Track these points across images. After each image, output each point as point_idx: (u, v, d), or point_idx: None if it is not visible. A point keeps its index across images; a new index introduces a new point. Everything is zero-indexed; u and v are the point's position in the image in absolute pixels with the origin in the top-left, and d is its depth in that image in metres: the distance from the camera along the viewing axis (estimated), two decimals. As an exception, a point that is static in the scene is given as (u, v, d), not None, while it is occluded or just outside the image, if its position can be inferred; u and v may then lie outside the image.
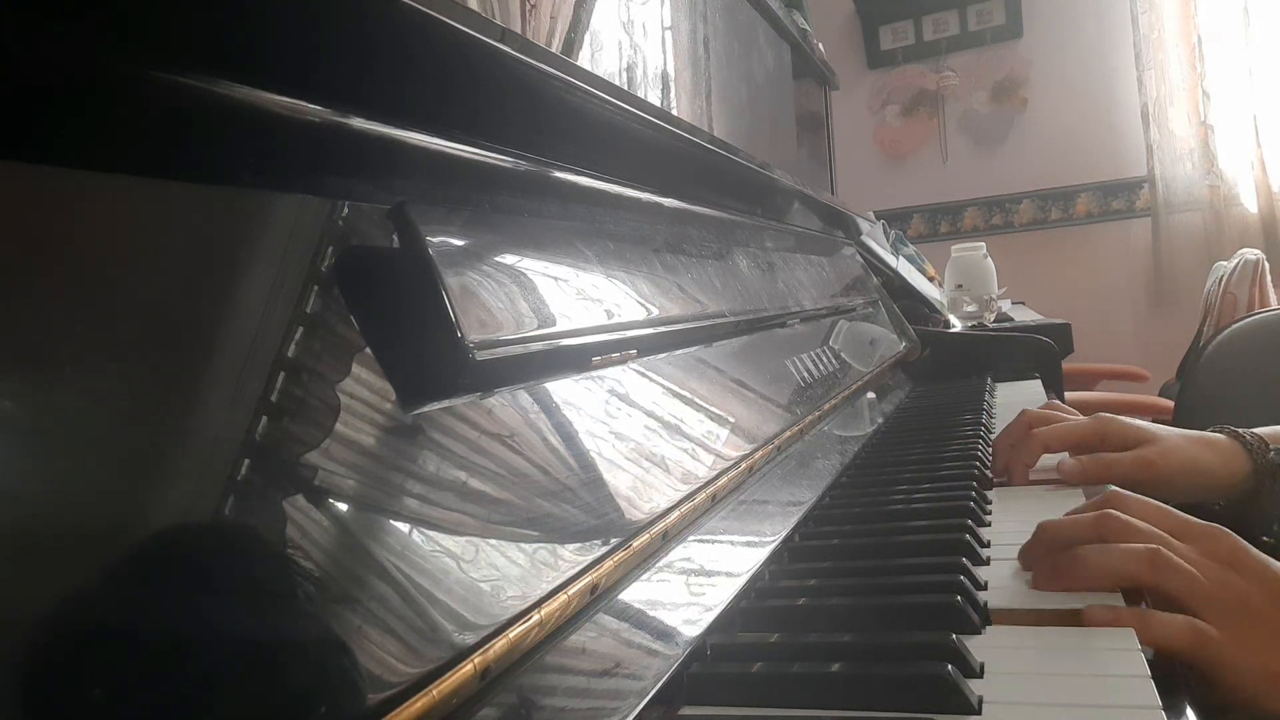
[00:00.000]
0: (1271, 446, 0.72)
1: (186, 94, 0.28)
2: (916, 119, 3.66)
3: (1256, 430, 0.75)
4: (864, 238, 1.67)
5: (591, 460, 0.44)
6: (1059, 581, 0.50)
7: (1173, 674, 0.42)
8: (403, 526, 0.31)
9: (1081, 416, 0.80)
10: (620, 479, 0.45)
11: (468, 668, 0.30)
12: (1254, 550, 0.49)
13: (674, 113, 1.10)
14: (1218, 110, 3.18)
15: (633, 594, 0.42)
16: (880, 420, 1.08)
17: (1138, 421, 0.76)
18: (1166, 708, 0.36)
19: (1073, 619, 0.46)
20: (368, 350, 0.33)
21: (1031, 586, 0.51)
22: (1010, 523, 0.65)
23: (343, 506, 0.30)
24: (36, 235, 0.24)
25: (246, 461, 0.27)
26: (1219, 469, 0.72)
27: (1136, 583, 0.48)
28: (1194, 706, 0.38)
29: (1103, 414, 0.77)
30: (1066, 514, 0.55)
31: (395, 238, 0.36)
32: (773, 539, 0.57)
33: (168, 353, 0.26)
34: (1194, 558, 0.48)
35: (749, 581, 0.50)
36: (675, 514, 0.48)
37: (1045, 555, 0.52)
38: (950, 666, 0.38)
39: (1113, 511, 0.52)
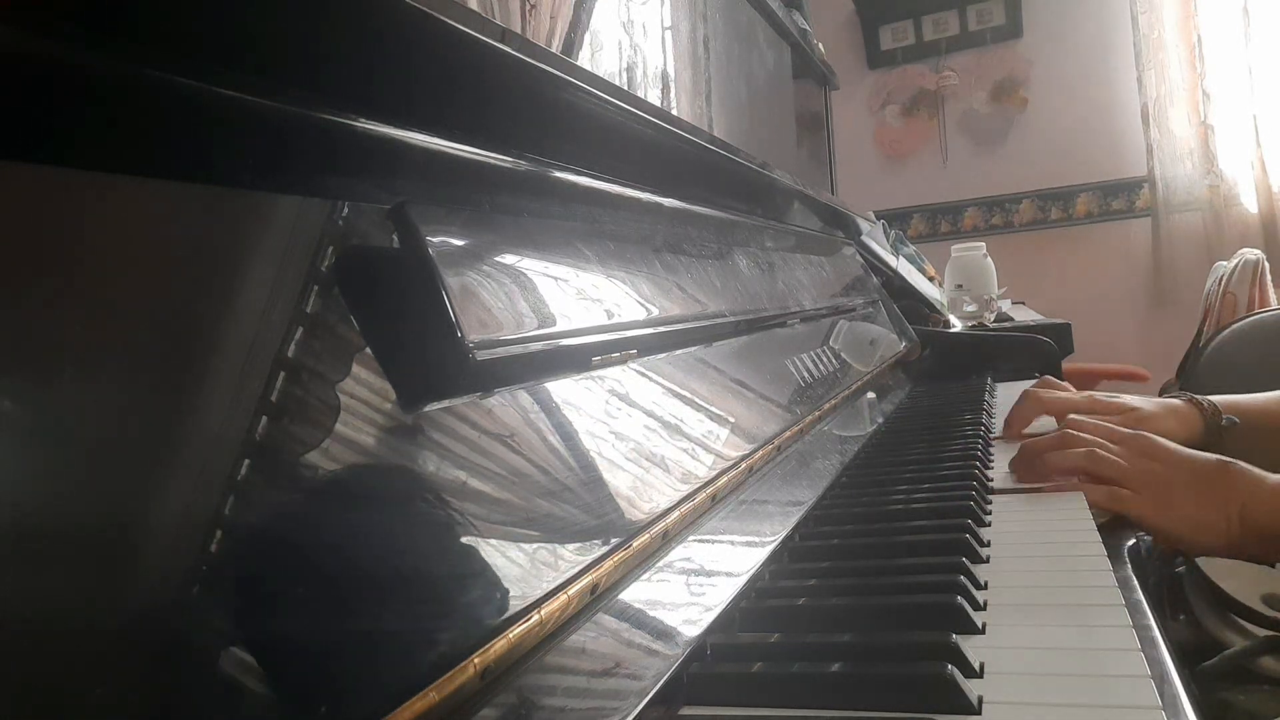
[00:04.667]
0: (1225, 415, 0.87)
1: (187, 94, 0.28)
2: (916, 119, 3.66)
3: (1213, 398, 0.89)
4: (864, 238, 1.67)
5: (591, 460, 0.44)
6: (1031, 476, 0.76)
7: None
8: (402, 526, 0.31)
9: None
10: (620, 479, 0.45)
11: (468, 668, 0.30)
12: (1165, 442, 0.72)
13: (674, 113, 1.10)
14: (1218, 110, 3.18)
15: (633, 594, 0.42)
16: (880, 420, 1.08)
17: (1119, 397, 0.94)
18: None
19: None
20: (368, 350, 0.33)
21: (1014, 480, 0.76)
22: (1010, 525, 0.65)
23: (342, 507, 0.30)
24: (37, 235, 0.24)
25: (246, 461, 0.27)
26: (1178, 430, 0.85)
27: (1081, 472, 0.72)
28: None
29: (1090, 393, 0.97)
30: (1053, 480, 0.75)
31: (395, 238, 0.36)
32: (773, 539, 0.57)
33: (168, 353, 0.26)
34: (1123, 453, 0.71)
35: (749, 581, 0.50)
36: (675, 514, 0.48)
37: (1024, 463, 0.77)
38: (950, 666, 0.38)
39: (1069, 430, 0.76)
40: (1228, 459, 0.70)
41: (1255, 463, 0.70)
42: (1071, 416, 0.80)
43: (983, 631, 0.45)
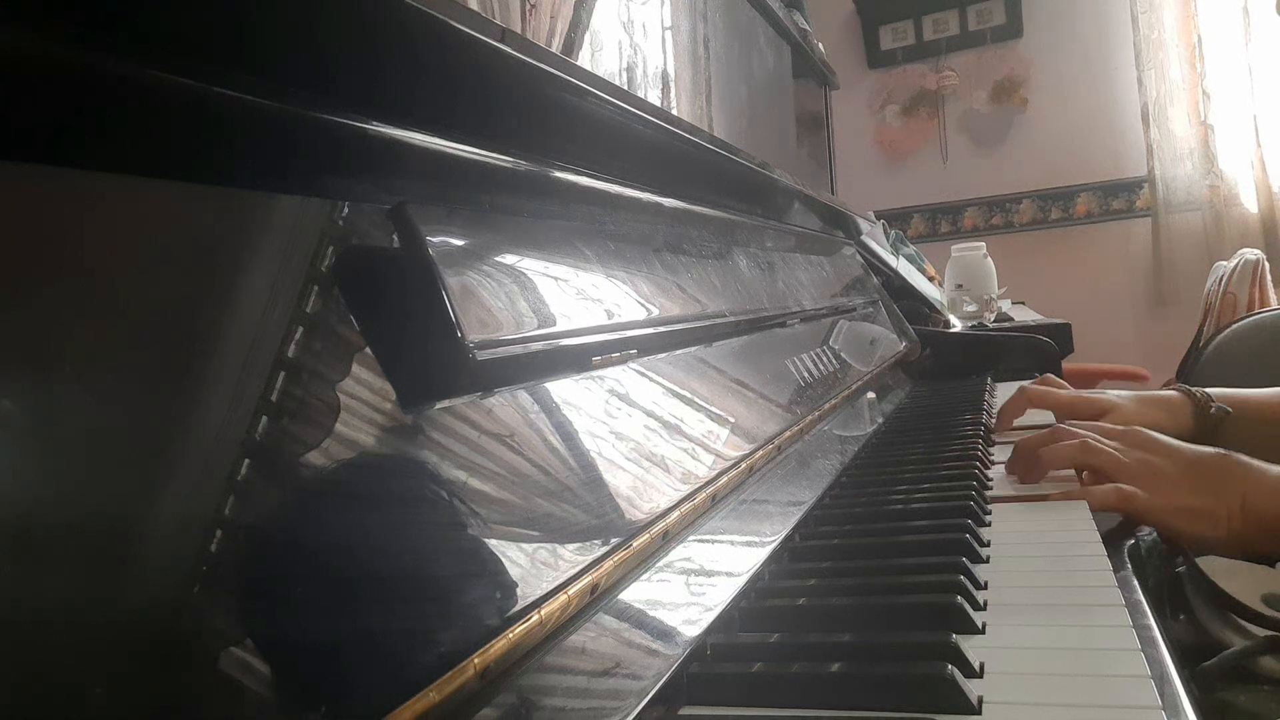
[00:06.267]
0: (1214, 402, 0.87)
1: (187, 94, 0.28)
2: (916, 119, 3.66)
3: (1210, 390, 0.89)
4: (864, 238, 1.67)
5: (592, 460, 0.44)
6: (1031, 476, 0.75)
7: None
8: (402, 527, 0.31)
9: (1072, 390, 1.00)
10: (620, 479, 0.45)
11: (468, 668, 0.30)
12: (1159, 435, 0.72)
13: (674, 113, 1.10)
14: (1218, 110, 3.18)
15: (633, 594, 0.42)
16: (880, 420, 1.08)
17: (1103, 393, 0.96)
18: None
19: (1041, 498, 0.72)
20: (368, 350, 0.33)
21: (1012, 482, 0.76)
22: (1010, 525, 0.65)
23: (342, 507, 0.30)
24: (36, 235, 0.24)
25: (246, 461, 0.27)
26: (1166, 422, 0.86)
27: (1075, 464, 0.72)
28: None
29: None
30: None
31: (395, 238, 0.36)
32: (773, 539, 0.57)
33: (169, 353, 0.26)
34: (1117, 447, 0.71)
35: (749, 581, 0.50)
36: (675, 514, 0.48)
37: (1020, 462, 0.77)
38: (950, 666, 0.38)
39: (1060, 425, 0.77)
40: (1226, 451, 0.69)
41: (1252, 456, 0.69)
42: (1068, 422, 0.80)
43: (983, 631, 0.45)
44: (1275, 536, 0.65)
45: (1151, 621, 0.46)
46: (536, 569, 0.36)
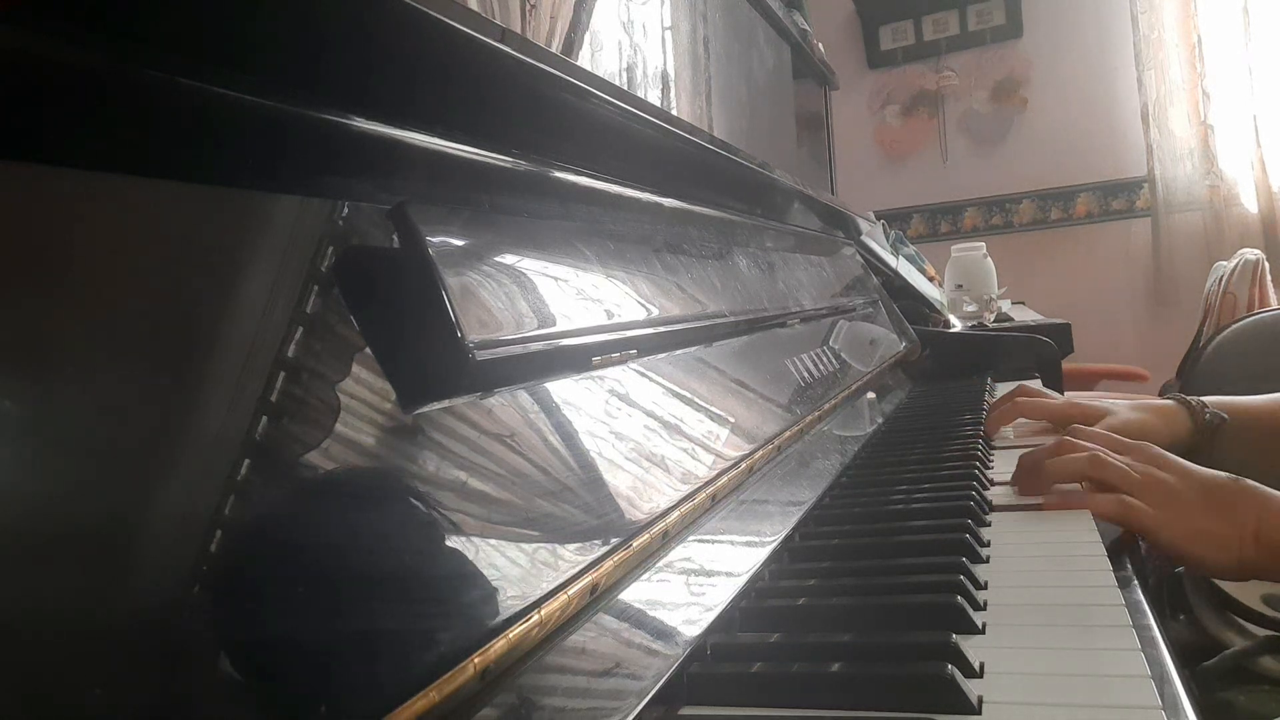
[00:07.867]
0: (1209, 409, 0.86)
1: (187, 94, 0.28)
2: (916, 119, 3.66)
3: (1206, 399, 0.88)
4: (864, 238, 1.67)
5: (591, 460, 0.44)
6: (1034, 488, 0.72)
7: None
8: (403, 526, 0.31)
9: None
10: (620, 479, 0.45)
11: (468, 668, 0.30)
12: (1171, 455, 0.69)
13: (674, 113, 1.10)
14: (1218, 110, 3.17)
15: (633, 594, 0.42)
16: (880, 420, 1.08)
17: (1098, 399, 0.95)
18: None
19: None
20: (368, 350, 0.33)
21: (1016, 494, 0.73)
22: (1010, 525, 0.65)
23: (342, 507, 0.30)
24: (36, 235, 0.24)
25: (246, 461, 0.27)
26: (1162, 429, 0.86)
27: (1083, 478, 0.70)
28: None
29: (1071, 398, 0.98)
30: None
31: (395, 238, 0.36)
32: (773, 539, 0.57)
33: (169, 353, 0.26)
34: (1128, 461, 0.68)
35: (749, 581, 0.50)
36: (675, 514, 0.48)
37: (1024, 474, 0.74)
38: (950, 666, 0.38)
39: (1067, 437, 0.74)
40: (1239, 477, 0.67)
41: (1248, 464, 0.69)
42: (1074, 426, 0.78)
43: (983, 631, 0.45)
44: None
45: (1151, 621, 0.46)
46: (536, 569, 0.36)
